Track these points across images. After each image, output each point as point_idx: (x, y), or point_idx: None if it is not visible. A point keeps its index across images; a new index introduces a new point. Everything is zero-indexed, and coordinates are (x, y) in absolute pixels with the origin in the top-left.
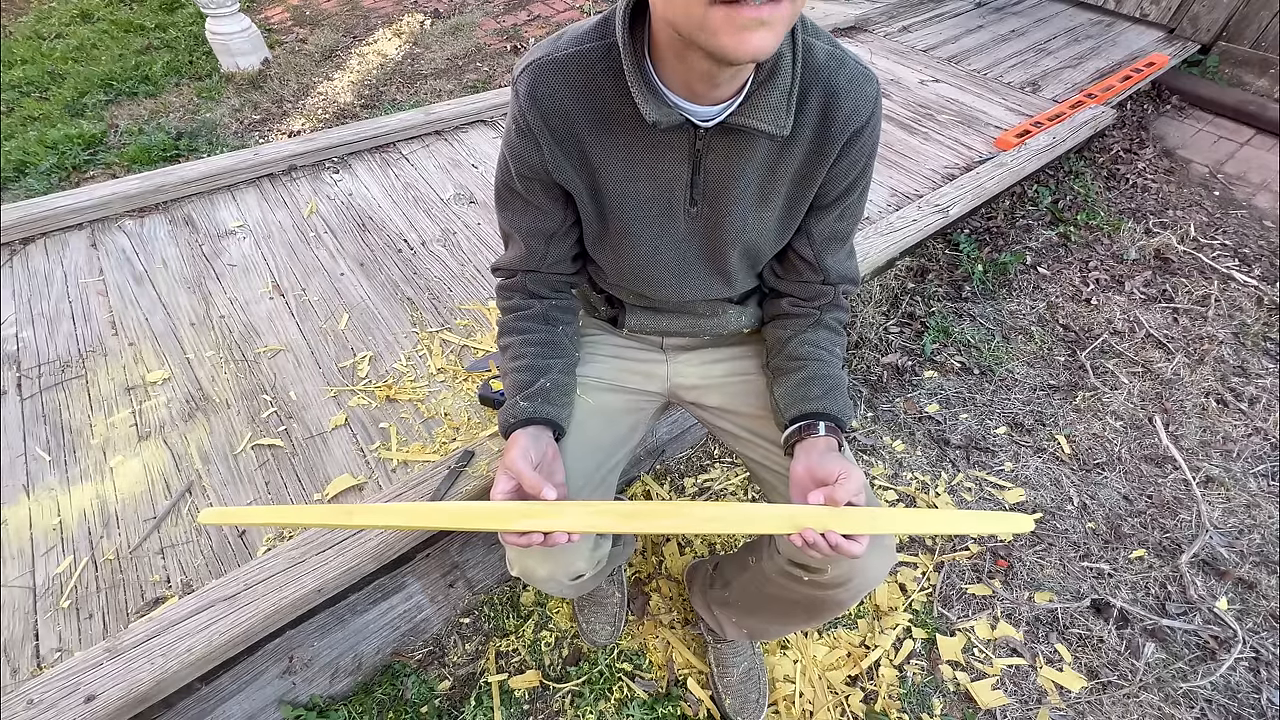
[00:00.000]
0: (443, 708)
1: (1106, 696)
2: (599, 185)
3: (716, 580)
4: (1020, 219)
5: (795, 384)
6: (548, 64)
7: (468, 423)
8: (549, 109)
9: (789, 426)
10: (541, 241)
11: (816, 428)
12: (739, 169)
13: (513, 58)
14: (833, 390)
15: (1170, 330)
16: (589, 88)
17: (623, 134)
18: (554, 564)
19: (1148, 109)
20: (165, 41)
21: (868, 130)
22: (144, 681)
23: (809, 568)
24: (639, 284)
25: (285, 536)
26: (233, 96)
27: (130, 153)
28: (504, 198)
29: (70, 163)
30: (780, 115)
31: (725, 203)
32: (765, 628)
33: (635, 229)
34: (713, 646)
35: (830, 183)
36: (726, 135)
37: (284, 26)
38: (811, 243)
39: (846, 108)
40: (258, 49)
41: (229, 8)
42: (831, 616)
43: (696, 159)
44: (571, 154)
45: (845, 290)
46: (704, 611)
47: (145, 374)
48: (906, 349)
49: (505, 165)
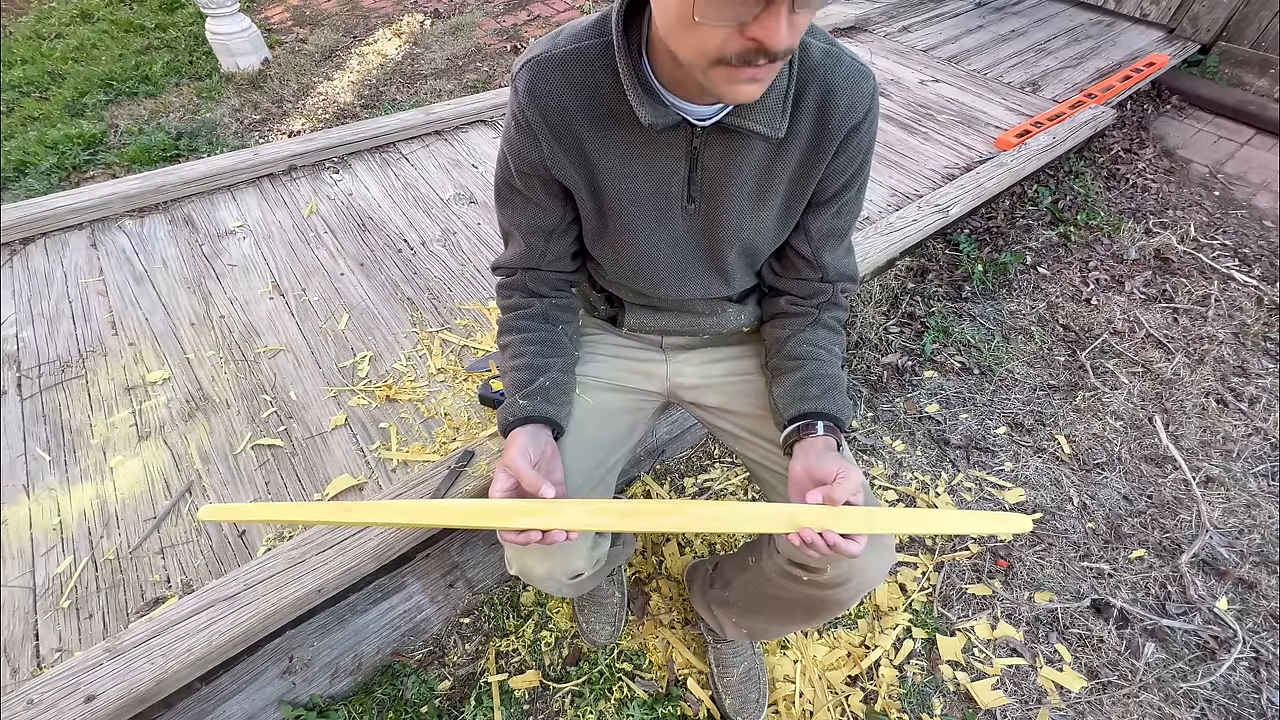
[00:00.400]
0: (443, 708)
1: (1106, 696)
2: (597, 181)
3: (716, 580)
4: (1020, 219)
5: (794, 383)
6: (546, 60)
7: (468, 423)
8: (548, 105)
9: (787, 426)
10: (541, 238)
11: (815, 427)
12: (736, 167)
13: (513, 58)
14: (831, 390)
15: (1170, 330)
16: (587, 84)
17: (620, 131)
18: (552, 562)
19: (1148, 109)
20: (165, 41)
21: (864, 126)
22: (144, 681)
23: (808, 567)
24: (638, 281)
25: (285, 536)
26: (233, 96)
27: (130, 153)
28: (504, 195)
29: (70, 163)
30: (775, 117)
31: (722, 200)
32: (765, 628)
33: (634, 225)
34: (713, 646)
35: (828, 179)
36: (723, 134)
37: (284, 26)
38: (809, 239)
39: (843, 105)
40: (258, 49)
41: (229, 8)
42: (831, 616)
43: (693, 156)
44: (570, 150)
45: (844, 289)
46: (704, 611)
47: (145, 374)
48: (906, 349)
49: (505, 162)
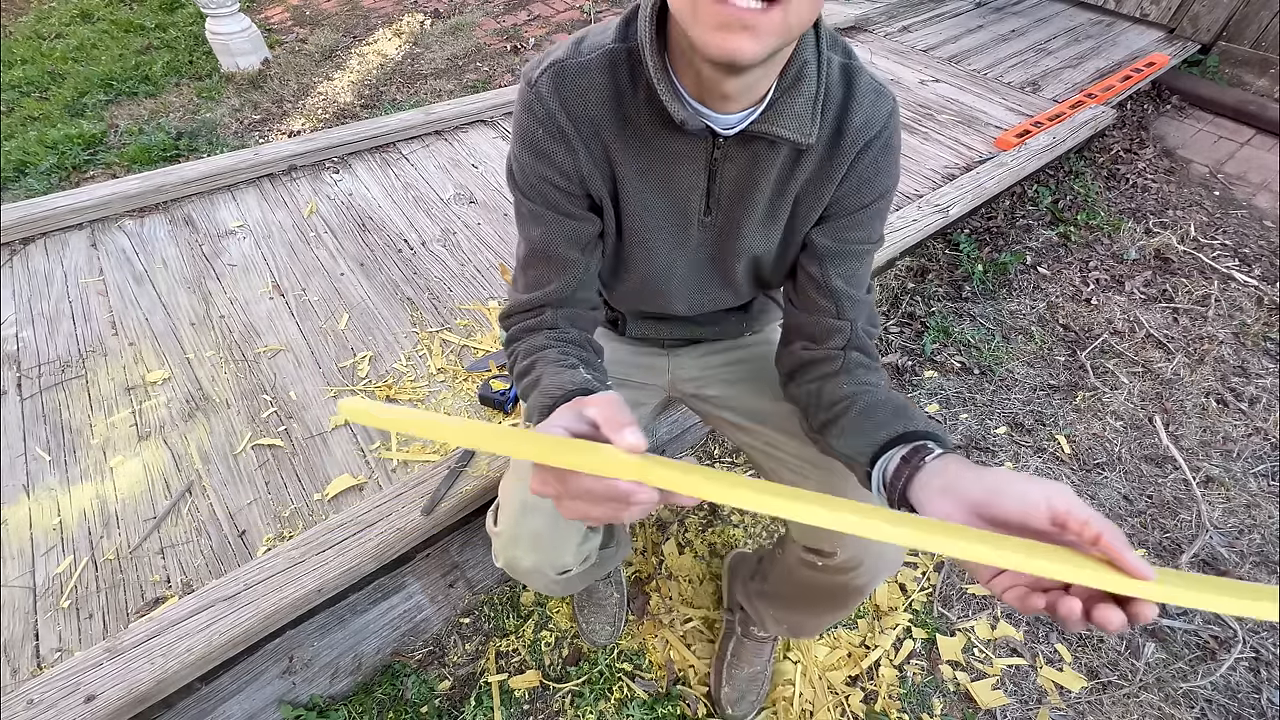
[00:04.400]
0: (443, 708)
1: (1106, 696)
2: (619, 196)
3: (757, 573)
4: (1020, 219)
5: (853, 423)
6: (574, 67)
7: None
8: (578, 114)
9: (872, 469)
10: (579, 250)
11: (927, 449)
12: (753, 180)
13: (513, 58)
14: (902, 410)
15: (1170, 330)
16: (613, 92)
17: (640, 143)
18: (540, 556)
19: (1148, 109)
20: (165, 41)
21: (878, 144)
22: (144, 681)
23: (821, 552)
24: (647, 301)
25: (285, 536)
26: (233, 96)
27: (130, 153)
28: (535, 213)
29: (70, 163)
30: (806, 123)
31: (739, 213)
32: (802, 621)
33: (652, 243)
34: (737, 638)
35: (837, 203)
36: (745, 145)
37: (284, 26)
38: (818, 258)
39: (858, 120)
40: (258, 49)
41: (229, 8)
42: (856, 604)
43: (713, 169)
44: (599, 161)
45: (866, 331)
46: (745, 603)
47: (145, 374)
48: (906, 349)
49: (534, 178)
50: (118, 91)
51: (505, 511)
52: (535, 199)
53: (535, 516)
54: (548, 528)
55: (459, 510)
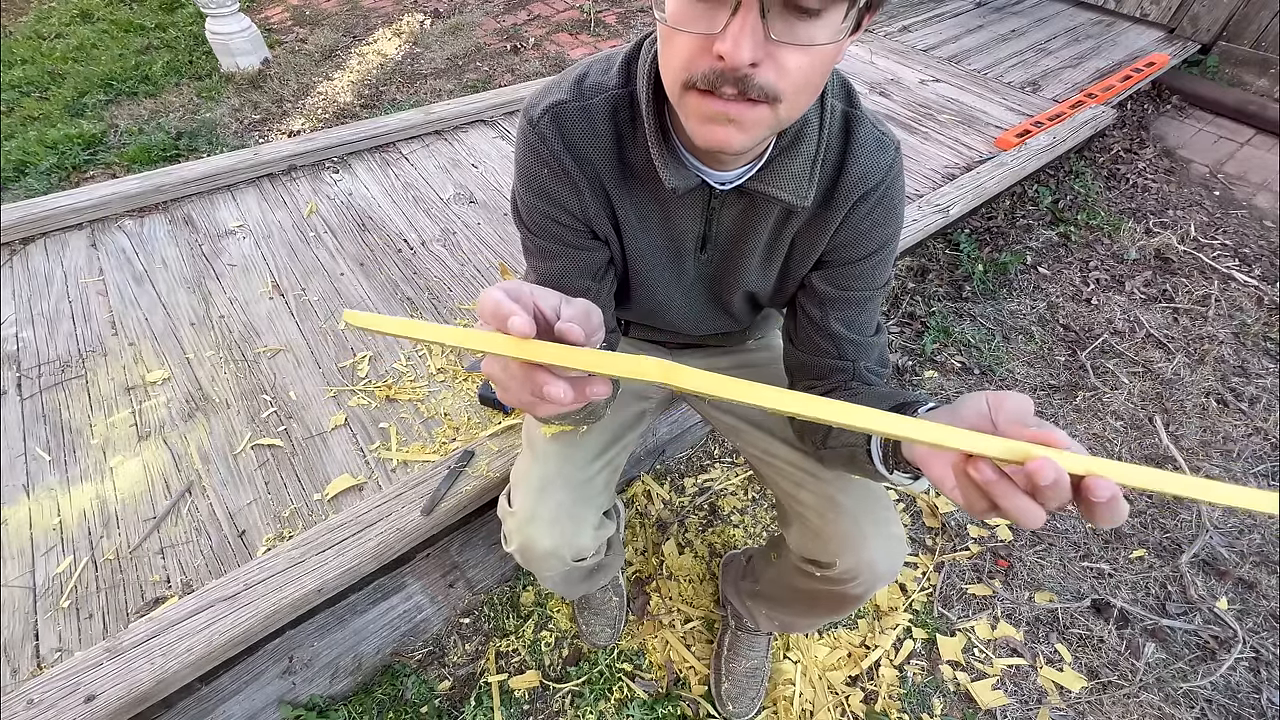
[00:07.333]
0: (443, 708)
1: (1106, 696)
2: (621, 233)
3: (748, 573)
4: (1020, 219)
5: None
6: (576, 110)
7: (467, 423)
8: (581, 157)
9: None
10: (593, 279)
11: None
12: (751, 225)
13: (513, 58)
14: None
15: (1170, 330)
16: (614, 139)
17: (638, 186)
18: (559, 536)
19: (1148, 109)
20: (165, 41)
21: (874, 196)
22: (144, 681)
23: (819, 562)
24: (653, 321)
25: (285, 536)
26: (233, 96)
27: (130, 153)
28: (544, 249)
29: (70, 163)
30: (802, 185)
31: (734, 254)
32: (794, 620)
33: (650, 278)
34: (732, 632)
35: (833, 252)
36: (742, 196)
37: (284, 26)
38: (819, 302)
39: (854, 173)
40: (258, 49)
41: (229, 7)
42: (853, 608)
43: (710, 215)
44: (602, 202)
45: (874, 370)
46: (737, 601)
47: (145, 374)
48: (907, 349)
49: (539, 216)
50: (118, 91)
51: (521, 490)
52: (544, 236)
53: (554, 492)
54: (567, 503)
55: (459, 510)
